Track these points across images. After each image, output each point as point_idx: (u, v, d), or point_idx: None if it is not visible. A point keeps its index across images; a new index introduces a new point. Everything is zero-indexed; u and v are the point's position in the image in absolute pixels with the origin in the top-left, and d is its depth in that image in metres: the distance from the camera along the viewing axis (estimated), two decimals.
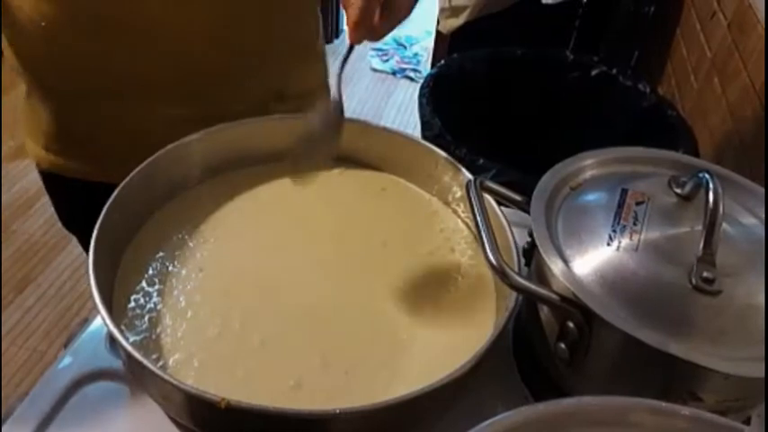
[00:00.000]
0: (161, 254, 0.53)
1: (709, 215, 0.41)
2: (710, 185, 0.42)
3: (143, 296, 0.49)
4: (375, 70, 2.57)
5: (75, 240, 0.80)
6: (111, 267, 0.50)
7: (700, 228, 0.42)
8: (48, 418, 0.44)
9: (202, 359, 0.46)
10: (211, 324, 0.48)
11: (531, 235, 0.47)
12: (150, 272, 0.51)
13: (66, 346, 0.49)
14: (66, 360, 0.48)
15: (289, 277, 0.53)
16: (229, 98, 0.65)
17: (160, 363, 0.44)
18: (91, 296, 0.43)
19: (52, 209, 0.78)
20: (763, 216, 0.47)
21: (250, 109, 0.61)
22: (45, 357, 1.43)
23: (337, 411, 0.39)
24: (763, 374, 0.37)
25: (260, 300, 0.50)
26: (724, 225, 0.42)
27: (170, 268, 0.52)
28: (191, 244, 0.54)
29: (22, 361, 1.42)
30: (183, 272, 0.52)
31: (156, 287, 0.50)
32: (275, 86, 0.69)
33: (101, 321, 0.43)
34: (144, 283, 0.50)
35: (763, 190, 0.49)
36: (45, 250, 1.67)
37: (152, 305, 0.49)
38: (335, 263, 0.54)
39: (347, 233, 0.57)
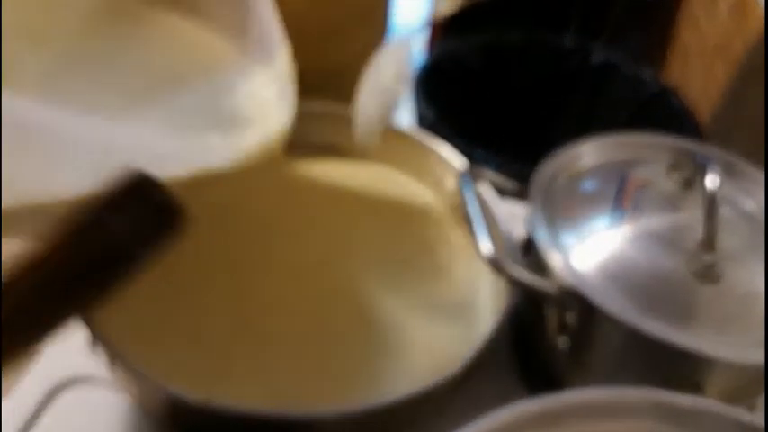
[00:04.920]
0: None
1: (707, 200, 0.41)
2: (708, 170, 0.41)
3: (124, 295, 0.48)
4: None
5: None
6: None
7: (700, 213, 0.41)
8: (27, 426, 0.43)
9: (184, 356, 0.44)
10: (196, 320, 0.47)
11: (528, 225, 0.46)
12: None
13: (42, 350, 0.48)
14: (44, 365, 0.47)
15: (277, 271, 0.51)
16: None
17: (141, 362, 0.43)
18: None
19: None
20: (763, 200, 0.46)
21: None
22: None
23: (330, 413, 0.38)
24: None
25: (248, 295, 0.49)
26: (724, 210, 0.42)
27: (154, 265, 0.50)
28: (177, 237, 0.53)
29: None
30: (167, 268, 0.50)
31: (139, 285, 0.49)
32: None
33: (79, 323, 0.41)
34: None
35: (762, 174, 0.48)
36: None
37: (134, 303, 0.47)
38: (326, 257, 0.53)
39: (338, 226, 0.56)
